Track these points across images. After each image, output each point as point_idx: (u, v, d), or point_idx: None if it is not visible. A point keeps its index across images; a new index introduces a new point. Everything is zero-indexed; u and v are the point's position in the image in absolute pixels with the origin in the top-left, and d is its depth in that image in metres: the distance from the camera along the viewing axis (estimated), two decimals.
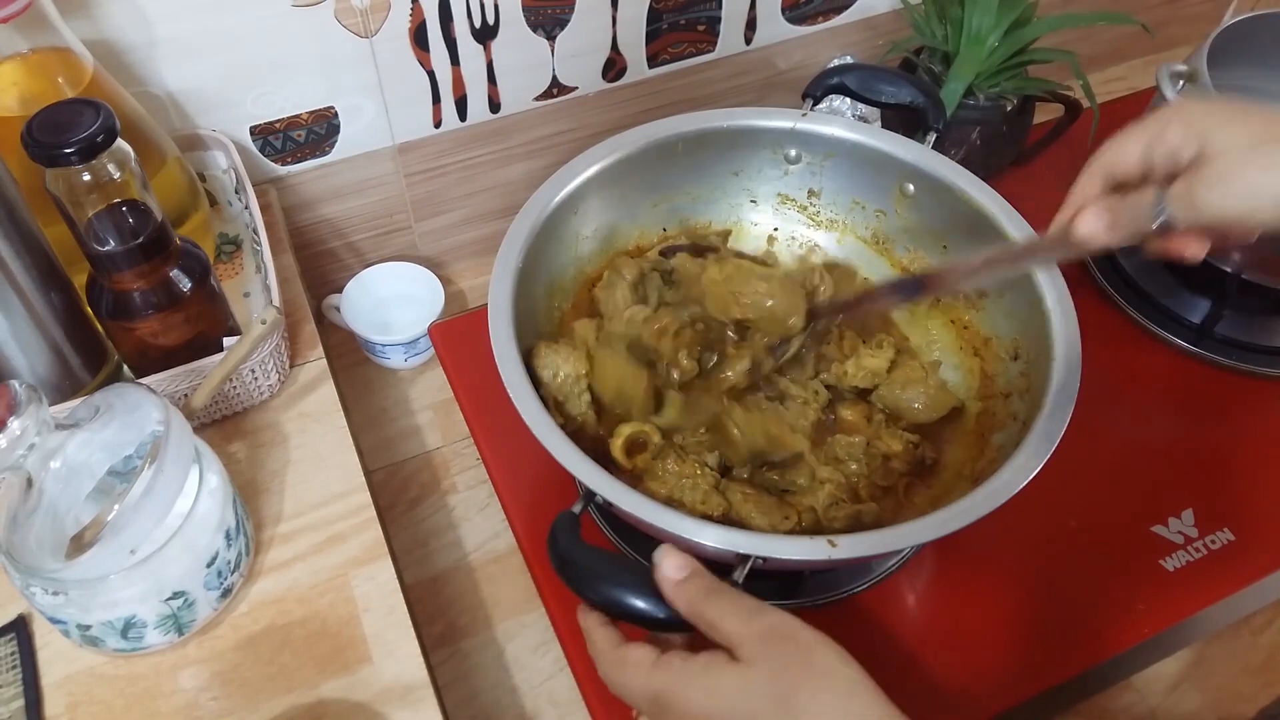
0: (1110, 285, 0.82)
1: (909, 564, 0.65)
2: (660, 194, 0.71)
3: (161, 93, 0.72)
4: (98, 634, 0.53)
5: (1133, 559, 0.66)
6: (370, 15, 0.74)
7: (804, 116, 0.69)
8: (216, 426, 0.68)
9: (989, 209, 0.64)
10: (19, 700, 0.55)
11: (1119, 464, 0.71)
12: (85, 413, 0.52)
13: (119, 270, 0.58)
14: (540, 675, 0.68)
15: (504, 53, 0.81)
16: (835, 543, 0.49)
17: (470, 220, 0.92)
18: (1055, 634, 0.62)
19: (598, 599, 0.47)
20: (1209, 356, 0.77)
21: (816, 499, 0.59)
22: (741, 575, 0.48)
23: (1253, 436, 0.73)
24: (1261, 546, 0.67)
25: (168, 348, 0.63)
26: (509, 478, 0.69)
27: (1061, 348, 0.57)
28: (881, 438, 0.62)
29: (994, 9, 0.80)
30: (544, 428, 0.52)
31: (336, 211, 0.86)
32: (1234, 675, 0.70)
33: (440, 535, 0.76)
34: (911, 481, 0.62)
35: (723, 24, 0.88)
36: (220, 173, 0.78)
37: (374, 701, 0.56)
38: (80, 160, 0.53)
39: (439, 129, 0.84)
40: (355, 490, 0.65)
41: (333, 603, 0.60)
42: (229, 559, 0.56)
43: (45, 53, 0.60)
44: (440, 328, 0.78)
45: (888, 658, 0.62)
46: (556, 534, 0.49)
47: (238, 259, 0.77)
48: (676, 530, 0.49)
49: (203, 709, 0.55)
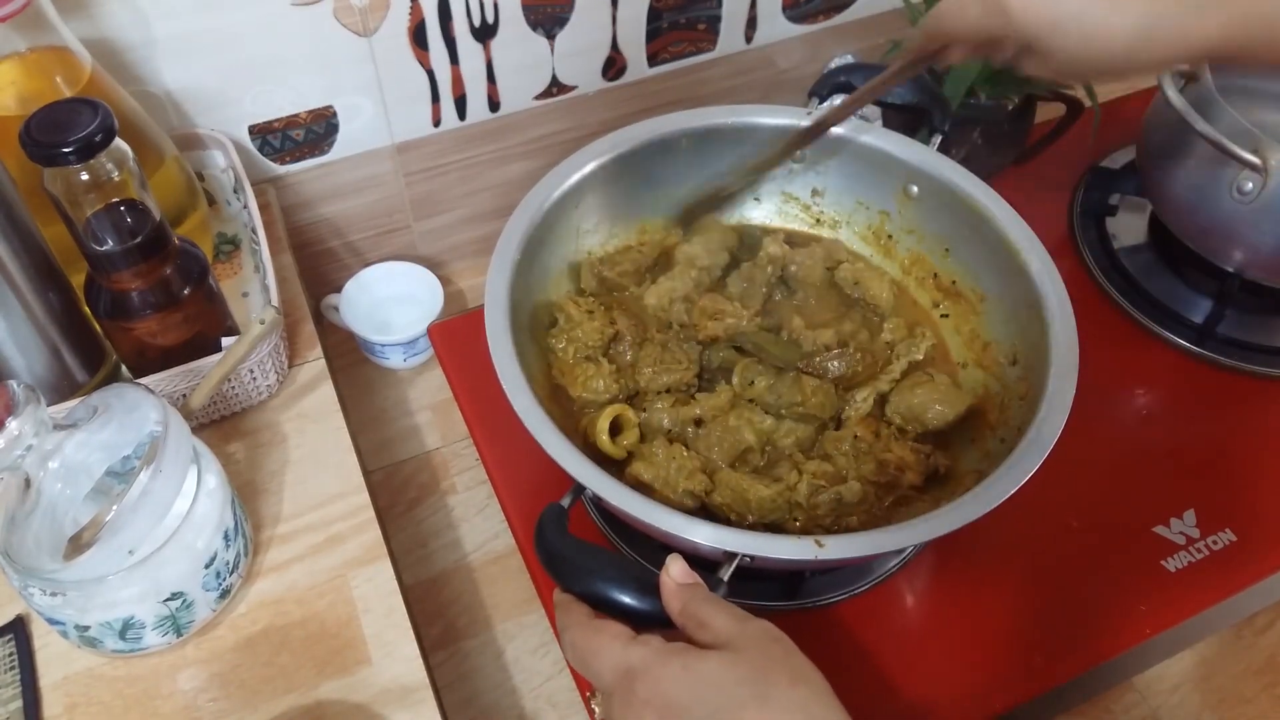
0: (1111, 285, 0.81)
1: (909, 564, 0.65)
2: (662, 190, 0.71)
3: (160, 92, 0.72)
4: (96, 635, 0.53)
5: (1134, 559, 0.66)
6: (369, 14, 0.73)
7: (809, 115, 0.69)
8: (215, 427, 0.68)
9: (992, 211, 0.64)
10: (17, 701, 0.55)
11: (1120, 464, 0.71)
12: (83, 413, 0.52)
13: (117, 270, 0.58)
14: (540, 676, 0.68)
15: (503, 52, 0.80)
16: (822, 543, 0.49)
17: (469, 220, 0.92)
18: (1056, 635, 0.62)
19: (583, 592, 0.47)
20: (1211, 357, 0.77)
21: (799, 491, 0.58)
22: (728, 573, 0.48)
23: (1255, 437, 0.73)
24: (1263, 547, 0.67)
25: (166, 348, 0.63)
26: (508, 478, 0.69)
27: (1060, 351, 0.57)
28: (892, 449, 0.60)
29: None
30: (536, 420, 0.52)
31: (335, 211, 0.86)
32: (1236, 676, 0.70)
33: (440, 535, 0.75)
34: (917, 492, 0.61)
35: (723, 23, 0.88)
36: (219, 172, 0.78)
37: (373, 703, 0.56)
38: (78, 160, 0.53)
39: (438, 128, 0.83)
40: (354, 491, 0.65)
41: (332, 604, 0.60)
42: (227, 560, 0.56)
43: (43, 52, 0.60)
44: (439, 328, 0.78)
45: (888, 658, 0.61)
46: (544, 527, 0.49)
47: (236, 259, 0.77)
48: (664, 525, 0.49)
49: (201, 710, 0.55)
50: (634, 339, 0.65)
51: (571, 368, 0.63)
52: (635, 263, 0.69)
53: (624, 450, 0.60)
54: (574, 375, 0.63)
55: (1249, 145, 0.69)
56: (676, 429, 0.62)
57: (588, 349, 0.64)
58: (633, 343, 0.65)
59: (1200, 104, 0.72)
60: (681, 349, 0.64)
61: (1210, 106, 0.72)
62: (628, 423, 0.61)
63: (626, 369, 0.64)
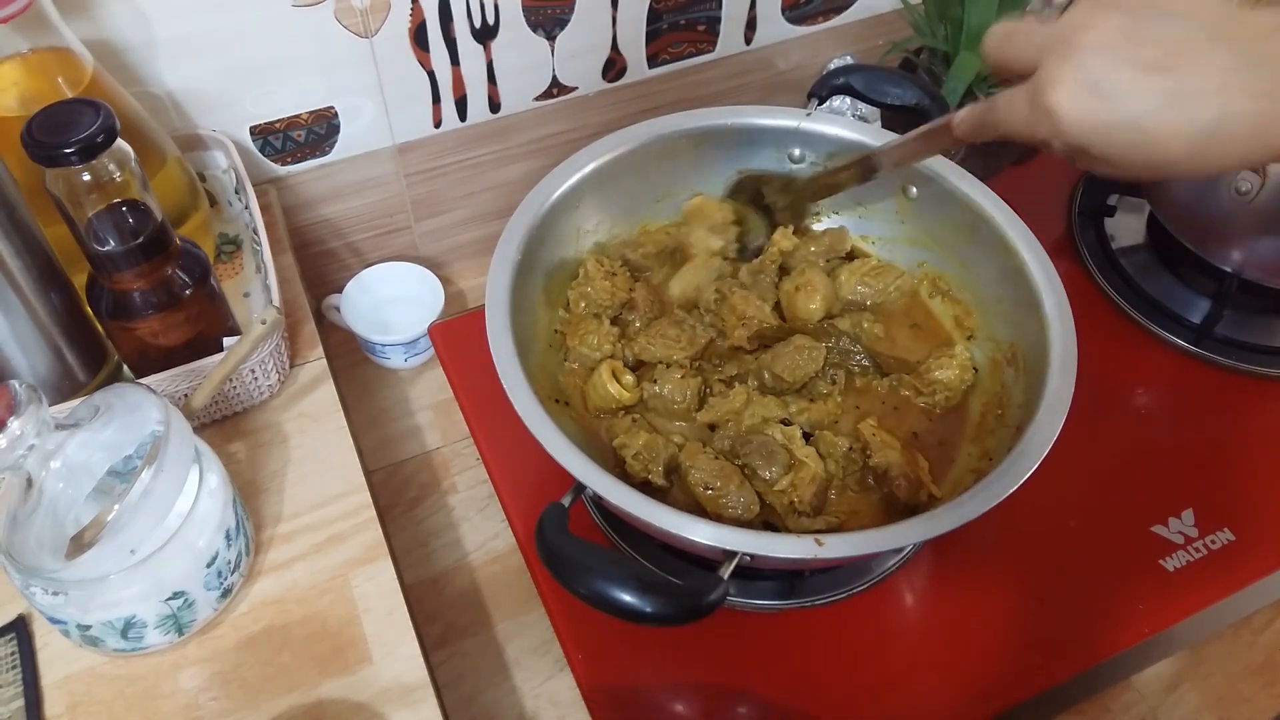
0: (1110, 285, 0.82)
1: (909, 564, 0.65)
2: (663, 191, 0.71)
3: (161, 93, 0.72)
4: (98, 634, 0.53)
5: (1133, 559, 0.66)
6: (370, 15, 0.74)
7: (808, 116, 0.69)
8: (216, 426, 0.68)
9: (990, 212, 0.64)
10: (19, 700, 0.55)
11: (1119, 464, 0.71)
12: (85, 413, 0.52)
13: (119, 270, 0.58)
14: (540, 675, 0.68)
15: (504, 53, 0.81)
16: (822, 542, 0.49)
17: (470, 220, 0.92)
18: (1055, 634, 0.62)
19: (584, 592, 0.47)
20: (1209, 356, 0.77)
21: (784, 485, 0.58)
22: (728, 571, 0.48)
23: (1253, 436, 0.73)
24: (1262, 546, 0.67)
25: (168, 348, 0.63)
26: (509, 478, 0.69)
27: (1058, 351, 0.58)
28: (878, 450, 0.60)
29: (994, 9, 0.80)
30: (536, 419, 0.52)
31: (336, 211, 0.86)
32: (1234, 675, 0.70)
33: (440, 535, 0.76)
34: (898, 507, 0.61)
35: (723, 24, 0.88)
36: (220, 173, 0.78)
37: (374, 702, 0.56)
38: (80, 160, 0.53)
39: (439, 129, 0.84)
40: (355, 490, 0.65)
41: (333, 603, 0.60)
42: (229, 559, 0.56)
43: (45, 53, 0.60)
44: (440, 328, 0.78)
45: (888, 658, 0.62)
46: (544, 526, 0.49)
47: (238, 259, 0.77)
48: (664, 525, 0.49)
49: (203, 709, 0.55)
50: (645, 313, 0.67)
51: (578, 321, 0.66)
52: (659, 245, 0.71)
53: (636, 394, 0.62)
54: (577, 328, 0.65)
55: None
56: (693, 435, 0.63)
57: (597, 306, 0.66)
58: (643, 315, 0.67)
59: None
60: (685, 331, 0.66)
61: None
62: (622, 375, 0.63)
63: (629, 338, 0.66)
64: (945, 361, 0.64)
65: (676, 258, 0.71)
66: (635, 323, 0.67)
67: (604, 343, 0.65)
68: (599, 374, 0.62)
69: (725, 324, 0.66)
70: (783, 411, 0.62)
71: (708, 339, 0.66)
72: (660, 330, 0.66)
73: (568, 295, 0.68)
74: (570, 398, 0.64)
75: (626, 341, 0.66)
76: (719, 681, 0.61)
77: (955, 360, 0.64)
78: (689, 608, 0.46)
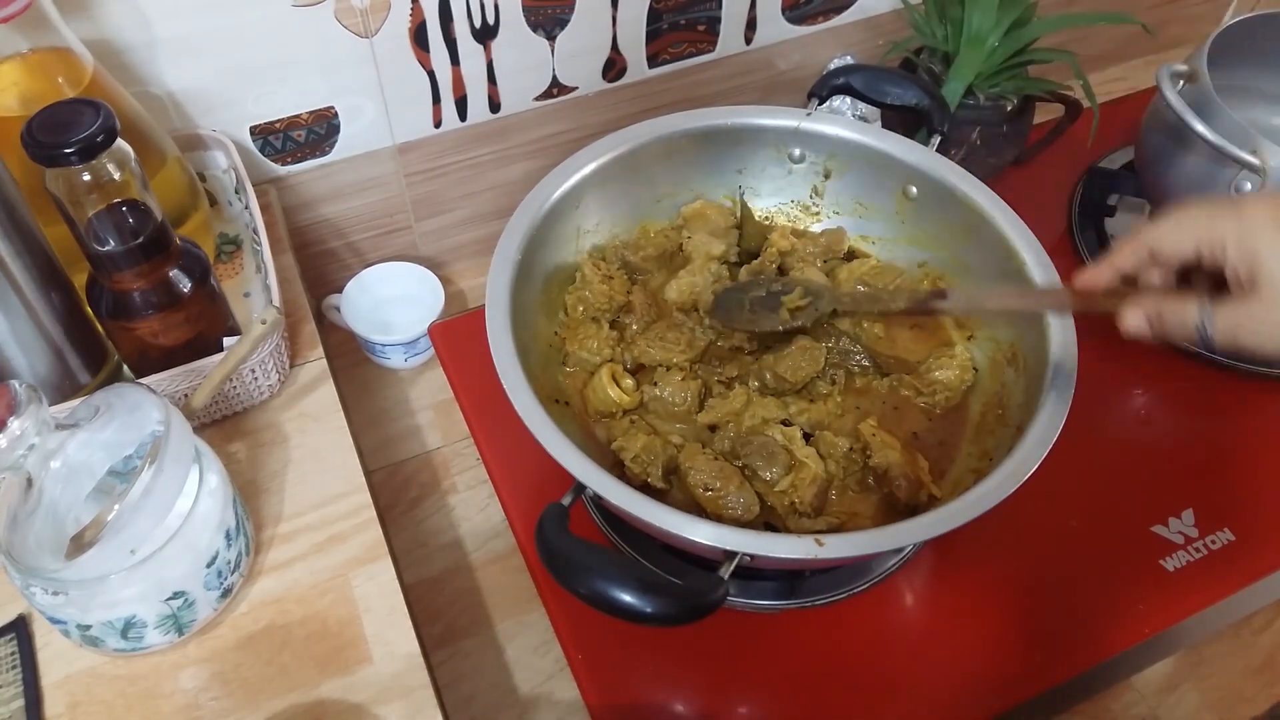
0: None
1: (908, 564, 0.65)
2: (663, 190, 0.72)
3: (161, 93, 0.72)
4: (98, 634, 0.53)
5: (1133, 559, 0.66)
6: (370, 15, 0.74)
7: (809, 116, 0.69)
8: (216, 426, 0.68)
9: (991, 212, 0.64)
10: (19, 700, 0.55)
11: (1119, 464, 0.71)
12: (85, 413, 0.52)
13: (119, 270, 0.58)
14: (540, 675, 0.68)
15: (504, 53, 0.81)
16: (822, 542, 0.49)
17: (470, 220, 0.92)
18: (1055, 634, 0.62)
19: (584, 592, 0.47)
20: (1209, 357, 0.77)
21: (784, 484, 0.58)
22: (728, 571, 0.48)
23: (1253, 436, 0.73)
24: (1262, 546, 0.67)
25: (168, 348, 0.63)
26: (509, 478, 0.69)
27: (1058, 352, 0.58)
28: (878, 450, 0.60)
29: (994, 9, 0.80)
30: (536, 420, 0.52)
31: (336, 211, 0.86)
32: (1234, 675, 0.70)
33: (440, 535, 0.76)
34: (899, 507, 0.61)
35: (723, 24, 0.88)
36: (220, 173, 0.78)
37: (374, 701, 0.56)
38: (80, 160, 0.53)
39: (439, 129, 0.84)
40: (355, 490, 0.65)
41: (333, 603, 0.60)
42: (229, 559, 0.56)
43: (45, 53, 0.60)
44: (440, 328, 0.78)
45: (888, 658, 0.62)
46: (544, 526, 0.49)
47: (238, 259, 0.77)
48: (665, 524, 0.49)
49: (203, 709, 0.55)
50: (642, 316, 0.67)
51: (576, 326, 0.66)
52: (660, 247, 0.71)
53: (636, 398, 0.63)
54: (576, 332, 0.66)
55: (1247, 146, 0.69)
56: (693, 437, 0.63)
57: (595, 310, 0.67)
58: (640, 319, 0.67)
59: (1198, 104, 0.72)
60: (684, 334, 0.66)
61: (1208, 107, 0.72)
62: (622, 379, 0.63)
63: (628, 342, 0.66)
64: (945, 362, 0.64)
65: (675, 261, 0.71)
66: (633, 326, 0.67)
67: (603, 347, 0.65)
68: (599, 378, 0.62)
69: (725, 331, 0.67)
70: (783, 412, 0.62)
71: (707, 341, 0.66)
72: (659, 333, 0.66)
73: (565, 300, 0.68)
74: (570, 398, 0.64)
75: (626, 345, 0.66)
76: (719, 681, 0.61)
77: (955, 360, 0.64)
78: (689, 608, 0.46)
